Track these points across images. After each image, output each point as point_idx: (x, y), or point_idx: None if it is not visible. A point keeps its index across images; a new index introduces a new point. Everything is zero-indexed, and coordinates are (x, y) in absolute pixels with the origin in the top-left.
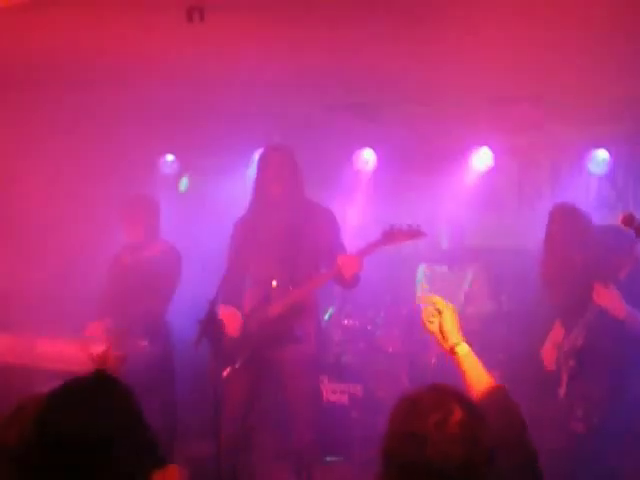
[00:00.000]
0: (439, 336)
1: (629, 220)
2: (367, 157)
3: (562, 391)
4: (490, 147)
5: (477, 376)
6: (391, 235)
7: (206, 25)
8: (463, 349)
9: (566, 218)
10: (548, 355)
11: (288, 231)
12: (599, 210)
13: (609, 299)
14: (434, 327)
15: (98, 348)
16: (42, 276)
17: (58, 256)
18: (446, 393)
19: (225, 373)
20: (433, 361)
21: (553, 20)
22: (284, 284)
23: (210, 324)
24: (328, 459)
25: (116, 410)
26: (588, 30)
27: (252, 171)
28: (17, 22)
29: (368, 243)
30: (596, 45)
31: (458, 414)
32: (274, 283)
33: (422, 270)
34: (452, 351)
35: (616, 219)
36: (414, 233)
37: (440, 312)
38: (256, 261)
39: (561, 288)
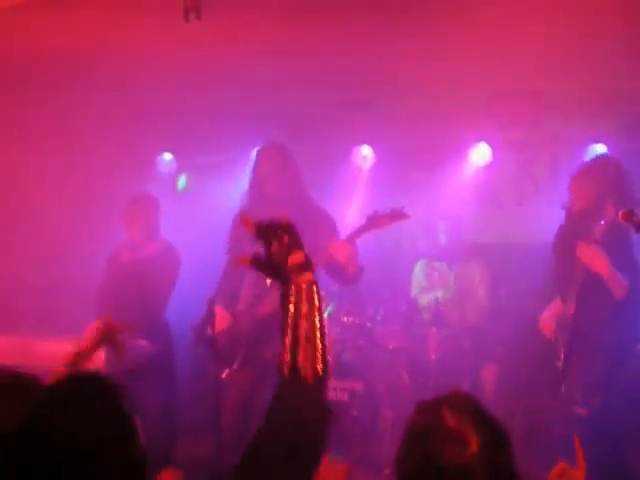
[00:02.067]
0: None
1: (629, 216)
2: (365, 154)
3: (560, 364)
4: (488, 142)
5: None
6: (375, 219)
7: (204, 24)
8: None
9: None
10: (546, 324)
11: None
12: None
13: (590, 256)
14: None
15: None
16: (41, 276)
17: (57, 256)
18: (464, 416)
19: (224, 375)
20: (433, 357)
21: (552, 15)
22: None
23: (206, 324)
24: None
25: (106, 416)
26: (587, 25)
27: (249, 169)
28: (14, 23)
29: (355, 228)
30: (595, 41)
31: (474, 445)
32: (268, 281)
33: (420, 266)
34: None
35: (615, 214)
36: (397, 215)
37: None
38: None
39: (559, 262)
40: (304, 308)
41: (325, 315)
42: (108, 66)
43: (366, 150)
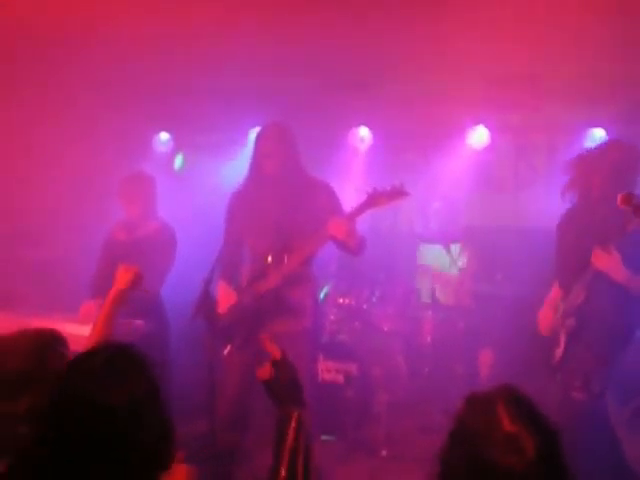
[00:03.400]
0: None
1: (628, 199)
2: (362, 135)
3: (559, 352)
4: (486, 125)
5: None
6: (375, 197)
7: (204, 2)
8: None
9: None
10: (544, 319)
11: (283, 205)
12: None
13: (608, 263)
14: None
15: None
16: (38, 254)
17: (57, 234)
18: (520, 420)
19: (225, 352)
20: (428, 340)
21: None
22: (280, 259)
23: (204, 303)
24: (323, 438)
25: (138, 382)
26: (586, 9)
27: (249, 148)
28: None
29: (355, 206)
30: (594, 25)
31: (531, 453)
32: (269, 259)
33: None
34: None
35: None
36: (397, 193)
37: None
38: (252, 237)
39: (565, 245)
40: (302, 440)
41: (321, 296)
42: (105, 44)
43: (364, 132)
